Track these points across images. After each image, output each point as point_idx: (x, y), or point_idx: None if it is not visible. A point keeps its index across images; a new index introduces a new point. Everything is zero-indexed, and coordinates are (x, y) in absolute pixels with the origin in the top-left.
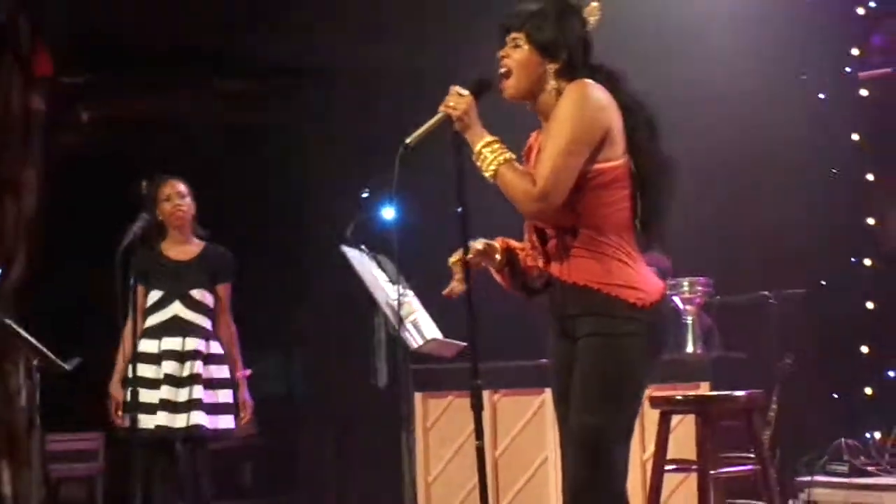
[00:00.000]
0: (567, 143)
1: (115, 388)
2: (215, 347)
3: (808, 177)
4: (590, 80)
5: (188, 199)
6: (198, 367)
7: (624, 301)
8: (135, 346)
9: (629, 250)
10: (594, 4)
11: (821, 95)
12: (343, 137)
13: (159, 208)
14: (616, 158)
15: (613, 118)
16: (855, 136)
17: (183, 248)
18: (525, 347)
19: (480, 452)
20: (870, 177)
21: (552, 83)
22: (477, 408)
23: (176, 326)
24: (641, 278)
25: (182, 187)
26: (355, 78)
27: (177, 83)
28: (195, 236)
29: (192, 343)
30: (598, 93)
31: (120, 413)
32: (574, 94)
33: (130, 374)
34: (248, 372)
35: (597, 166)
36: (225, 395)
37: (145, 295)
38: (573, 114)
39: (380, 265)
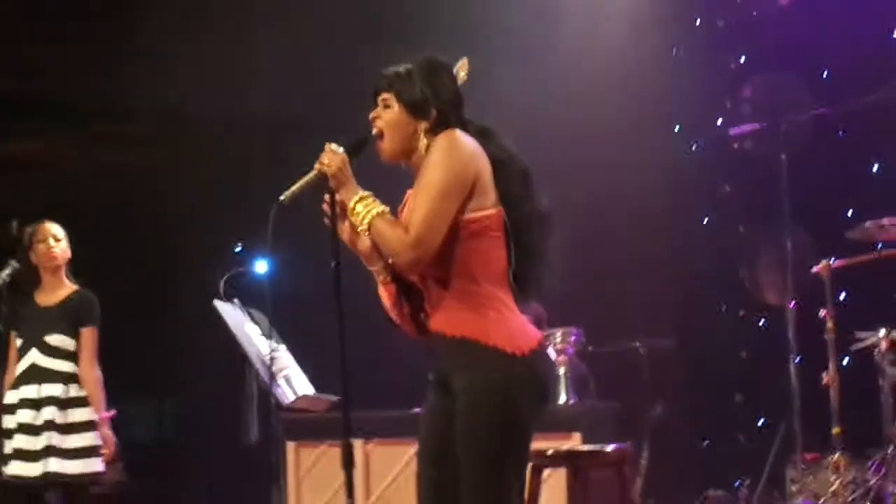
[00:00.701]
0: (438, 190)
1: None
2: (75, 391)
3: (681, 226)
4: (458, 130)
5: (63, 243)
6: (52, 412)
7: (501, 350)
8: (1, 396)
9: (504, 300)
10: (464, 60)
11: (693, 147)
12: (217, 185)
13: (33, 250)
14: (487, 208)
15: (483, 166)
16: (727, 188)
17: (52, 294)
18: (399, 396)
19: None
20: (741, 228)
21: (424, 141)
22: (347, 466)
23: (33, 374)
24: (518, 327)
25: (58, 230)
26: (231, 126)
27: (50, 126)
28: (69, 282)
29: (48, 389)
30: (466, 141)
31: None
32: (443, 143)
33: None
34: (112, 413)
35: (468, 215)
36: (85, 439)
37: (16, 343)
38: (442, 160)
39: (253, 319)
